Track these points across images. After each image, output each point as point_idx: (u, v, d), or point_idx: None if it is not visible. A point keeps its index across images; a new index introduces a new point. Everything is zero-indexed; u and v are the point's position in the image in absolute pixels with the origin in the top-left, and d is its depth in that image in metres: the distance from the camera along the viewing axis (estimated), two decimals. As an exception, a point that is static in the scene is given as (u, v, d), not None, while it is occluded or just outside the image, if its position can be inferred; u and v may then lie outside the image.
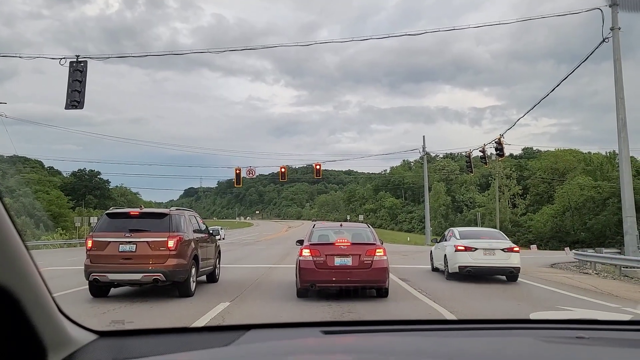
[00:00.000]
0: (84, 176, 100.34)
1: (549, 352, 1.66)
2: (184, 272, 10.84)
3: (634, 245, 18.46)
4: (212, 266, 13.43)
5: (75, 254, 28.05)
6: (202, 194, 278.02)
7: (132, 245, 10.59)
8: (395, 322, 2.28)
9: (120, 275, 10.58)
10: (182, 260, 10.79)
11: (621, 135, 19.15)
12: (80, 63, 16.84)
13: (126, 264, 10.51)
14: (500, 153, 30.58)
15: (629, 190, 18.94)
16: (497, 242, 15.22)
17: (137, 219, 11.10)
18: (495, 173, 78.43)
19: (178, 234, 10.86)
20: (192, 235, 11.71)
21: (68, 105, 16.73)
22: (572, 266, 21.05)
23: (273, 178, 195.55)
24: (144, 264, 10.53)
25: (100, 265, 10.54)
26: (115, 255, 10.54)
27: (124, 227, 10.81)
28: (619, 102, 19.28)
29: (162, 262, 10.53)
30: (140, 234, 10.68)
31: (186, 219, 11.81)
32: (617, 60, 19.22)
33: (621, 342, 1.83)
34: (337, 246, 10.77)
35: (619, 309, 9.99)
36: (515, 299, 11.35)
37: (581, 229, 70.51)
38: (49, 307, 1.43)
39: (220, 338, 1.89)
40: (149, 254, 10.57)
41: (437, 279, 15.00)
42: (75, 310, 9.35)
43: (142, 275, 10.49)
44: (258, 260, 22.84)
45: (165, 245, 10.61)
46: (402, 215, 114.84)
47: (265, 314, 9.34)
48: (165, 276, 10.50)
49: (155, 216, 11.24)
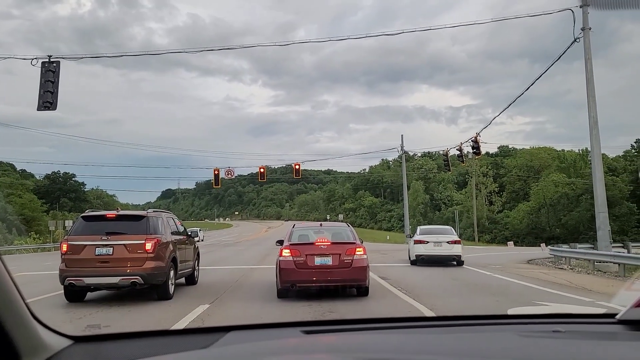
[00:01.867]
0: (58, 179, 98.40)
1: (527, 346, 1.69)
2: (162, 275, 10.71)
3: (607, 241, 18.87)
4: (191, 268, 13.30)
5: (49, 259, 27.51)
6: (180, 195, 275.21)
7: (109, 248, 10.42)
8: (376, 321, 2.28)
9: (97, 279, 10.35)
10: (160, 262, 10.67)
11: (593, 133, 19.55)
12: (53, 63, 16.51)
13: (103, 267, 10.32)
14: (477, 151, 30.97)
15: (601, 186, 19.36)
16: (444, 236, 19.45)
17: (113, 221, 10.92)
18: (472, 171, 79.41)
19: (156, 236, 10.74)
20: (170, 237, 11.60)
21: (40, 106, 16.39)
22: (548, 262, 21.44)
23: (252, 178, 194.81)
24: (121, 267, 10.37)
25: (75, 270, 10.31)
26: (91, 258, 10.33)
27: (101, 230, 10.62)
28: (591, 101, 19.69)
29: (140, 265, 10.38)
30: (117, 236, 10.51)
31: (164, 221, 11.71)
32: (589, 60, 19.62)
33: (596, 335, 1.88)
34: (317, 246, 10.79)
35: (592, 303, 10.21)
36: (493, 295, 11.52)
37: (556, 225, 71.81)
38: (22, 313, 1.40)
39: (200, 340, 1.86)
40: (126, 257, 10.40)
41: (416, 277, 15.13)
42: (50, 315, 9.20)
43: (120, 279, 10.32)
44: (238, 261, 22.73)
45: (142, 248, 10.45)
46: (382, 214, 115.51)
47: (246, 316, 9.22)
48: (143, 279, 10.34)
49: (132, 218, 11.08)
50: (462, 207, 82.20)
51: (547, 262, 21.20)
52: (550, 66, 22.95)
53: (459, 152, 34.16)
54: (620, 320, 1.91)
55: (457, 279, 14.57)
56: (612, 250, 19.30)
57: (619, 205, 63.93)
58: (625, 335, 1.85)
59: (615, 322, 1.94)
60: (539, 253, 28.49)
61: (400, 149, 52.10)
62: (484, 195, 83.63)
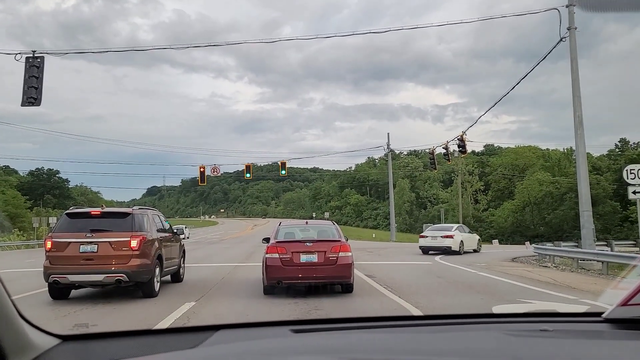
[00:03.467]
0: (42, 175, 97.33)
1: (514, 345, 1.70)
2: (148, 272, 10.68)
3: (590, 239, 19.08)
4: (177, 266, 13.27)
5: (32, 255, 27.15)
6: (166, 192, 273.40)
7: (94, 245, 10.36)
8: (364, 319, 2.27)
9: (81, 276, 10.34)
10: (145, 260, 10.62)
11: (578, 132, 19.75)
12: (37, 59, 16.24)
13: (87, 264, 10.27)
14: (463, 150, 31.15)
15: (585, 185, 19.57)
16: (440, 232, 25.41)
17: (98, 218, 10.84)
18: (458, 170, 79.91)
19: (141, 234, 10.68)
20: (155, 234, 11.54)
21: (24, 102, 16.12)
22: (532, 260, 21.62)
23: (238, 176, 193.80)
24: (106, 264, 10.32)
25: (60, 267, 10.26)
26: (75, 256, 10.28)
27: (85, 227, 10.56)
28: (576, 100, 19.88)
29: (125, 262, 10.34)
30: (102, 234, 10.46)
31: (149, 218, 11.64)
32: (574, 60, 19.80)
33: (583, 334, 1.91)
34: (303, 243, 10.97)
35: (576, 301, 10.31)
36: (478, 293, 11.58)
37: (540, 223, 72.57)
38: (9, 311, 1.38)
39: (188, 339, 1.85)
40: (111, 254, 10.36)
41: (402, 275, 15.17)
42: (36, 313, 9.07)
43: (104, 276, 10.27)
44: (223, 259, 22.59)
45: (128, 245, 10.41)
46: (368, 212, 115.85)
47: (231, 313, 9.19)
48: (128, 277, 10.32)
49: (117, 216, 11.03)
50: (448, 205, 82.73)
51: (531, 260, 21.38)
52: (536, 65, 23.09)
53: (445, 150, 34.33)
54: (607, 319, 1.93)
55: (443, 277, 14.64)
56: (596, 249, 19.56)
57: (602, 204, 64.75)
58: (612, 333, 1.87)
59: (602, 320, 1.95)
60: (523, 251, 28.76)
61: (387, 147, 52.21)
62: (470, 194, 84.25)
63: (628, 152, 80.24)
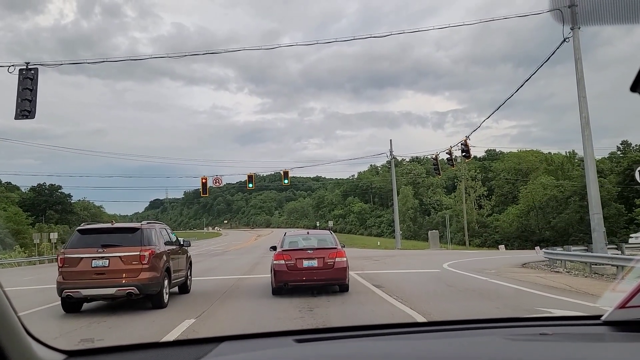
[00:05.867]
0: (44, 191, 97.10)
1: (514, 349, 1.72)
2: (157, 285, 10.95)
3: (602, 242, 18.59)
4: (184, 277, 13.50)
5: (32, 272, 26.71)
6: (169, 205, 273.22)
7: (105, 260, 10.63)
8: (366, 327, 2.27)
9: (94, 290, 10.60)
10: (154, 273, 10.91)
11: (585, 133, 19.32)
12: (31, 70, 15.91)
13: (99, 279, 10.56)
14: (467, 154, 30.73)
15: (594, 187, 19.11)
16: None
17: (108, 234, 11.21)
18: (461, 175, 79.39)
19: (150, 247, 10.96)
20: (163, 247, 11.82)
21: (18, 115, 15.77)
22: (543, 265, 21.11)
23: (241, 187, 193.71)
24: (117, 278, 10.57)
25: (72, 282, 10.55)
26: (88, 270, 10.59)
27: (96, 242, 10.86)
28: (582, 101, 19.47)
29: (135, 275, 10.62)
30: (113, 248, 10.72)
31: (157, 232, 11.93)
32: (579, 60, 19.42)
33: (582, 337, 1.92)
34: (305, 251, 12.51)
35: (597, 309, 9.82)
36: (491, 301, 11.11)
37: (546, 227, 71.91)
38: (15, 328, 1.38)
39: (192, 351, 1.83)
40: (122, 268, 10.62)
41: (411, 284, 14.68)
42: (41, 329, 8.97)
43: (116, 290, 10.55)
44: (225, 271, 22.07)
45: (138, 259, 10.70)
46: (371, 220, 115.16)
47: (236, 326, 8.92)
48: (138, 289, 10.58)
49: (126, 231, 11.37)
50: (452, 211, 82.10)
51: (542, 266, 20.86)
52: (540, 66, 22.79)
53: (449, 155, 33.88)
54: (606, 322, 1.93)
55: (453, 286, 14.14)
56: (609, 252, 19.04)
57: (607, 207, 64.07)
58: (611, 336, 1.89)
59: (601, 323, 1.96)
60: (532, 256, 28.19)
61: (390, 153, 51.84)
62: (473, 199, 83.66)
63: (631, 154, 79.67)
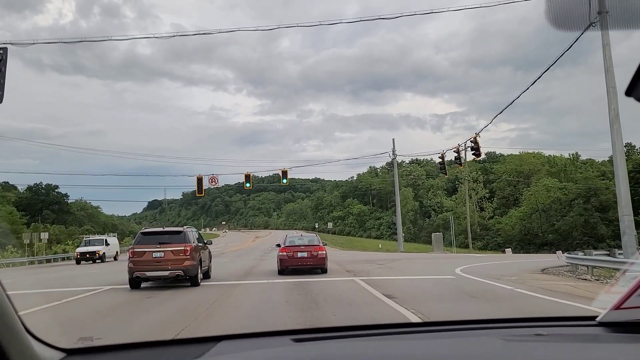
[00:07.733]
0: (41, 190, 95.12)
1: (510, 350, 1.72)
2: (195, 269, 15.55)
3: (633, 247, 16.92)
4: (207, 266, 18.04)
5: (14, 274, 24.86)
6: (167, 205, 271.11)
7: (161, 252, 15.27)
8: (364, 327, 2.23)
9: (154, 272, 15.19)
10: (193, 262, 15.49)
11: (614, 127, 17.67)
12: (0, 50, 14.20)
13: (158, 265, 15.17)
14: (477, 152, 29.07)
15: (624, 186, 17.42)
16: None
17: (162, 235, 15.92)
18: (462, 177, 77.69)
19: (190, 244, 15.68)
20: (196, 244, 16.32)
21: (-16, 99, 14.02)
22: (564, 271, 19.40)
23: (239, 188, 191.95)
24: (169, 264, 15.14)
25: (139, 267, 15.17)
26: (150, 260, 15.19)
27: (155, 240, 15.57)
28: (610, 92, 17.81)
29: (181, 263, 15.20)
30: (166, 245, 15.40)
31: (193, 234, 16.75)
32: (607, 45, 17.76)
33: (577, 338, 1.89)
34: (299, 246, 19.34)
35: None
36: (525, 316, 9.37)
37: (549, 230, 70.21)
38: (16, 327, 1.39)
39: (191, 350, 1.84)
40: (172, 258, 15.19)
41: (428, 294, 12.95)
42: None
43: (169, 272, 15.13)
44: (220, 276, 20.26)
45: (183, 252, 15.30)
46: (371, 222, 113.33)
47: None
48: (183, 272, 15.17)
49: (174, 233, 16.12)
50: (453, 213, 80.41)
51: (564, 272, 19.14)
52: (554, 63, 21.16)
53: (457, 154, 32.21)
54: (601, 323, 1.92)
55: (476, 296, 12.30)
56: None
57: (613, 210, 62.56)
58: (605, 337, 1.87)
59: (595, 324, 1.95)
60: (546, 261, 26.45)
61: (392, 153, 50.24)
62: (475, 202, 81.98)
63: (634, 156, 78.11)
